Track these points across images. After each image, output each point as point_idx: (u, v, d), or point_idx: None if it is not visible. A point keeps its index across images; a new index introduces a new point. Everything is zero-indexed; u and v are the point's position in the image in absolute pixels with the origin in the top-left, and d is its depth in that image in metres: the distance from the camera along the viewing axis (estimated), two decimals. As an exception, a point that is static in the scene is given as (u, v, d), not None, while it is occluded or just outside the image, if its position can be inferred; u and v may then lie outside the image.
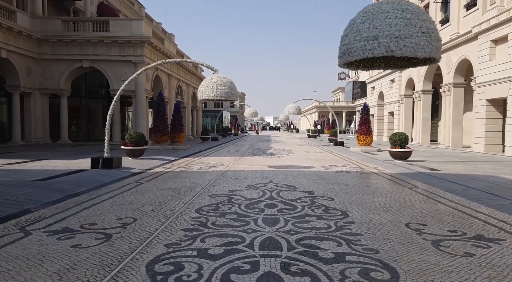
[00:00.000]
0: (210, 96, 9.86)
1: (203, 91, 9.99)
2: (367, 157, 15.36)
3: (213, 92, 9.81)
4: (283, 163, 12.83)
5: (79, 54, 20.91)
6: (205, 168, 11.06)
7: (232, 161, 13.47)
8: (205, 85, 9.97)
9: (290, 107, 24.33)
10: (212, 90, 9.83)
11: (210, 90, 9.83)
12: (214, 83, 9.86)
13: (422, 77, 25.21)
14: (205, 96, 9.97)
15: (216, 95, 9.80)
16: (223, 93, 9.78)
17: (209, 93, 9.84)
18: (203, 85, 10.05)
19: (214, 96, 9.81)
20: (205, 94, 9.96)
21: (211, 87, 9.85)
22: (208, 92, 9.85)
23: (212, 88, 9.83)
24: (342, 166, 12.10)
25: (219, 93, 9.79)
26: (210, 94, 9.84)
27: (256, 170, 10.55)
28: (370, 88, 38.67)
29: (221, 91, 9.80)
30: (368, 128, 18.63)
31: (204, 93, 9.99)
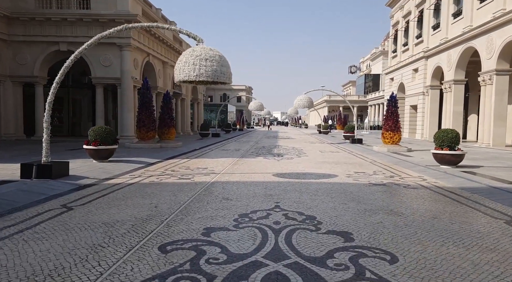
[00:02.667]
0: (191, 77, 6.83)
1: (181, 69, 6.96)
2: (399, 159, 12.19)
3: (194, 70, 6.76)
4: (293, 169, 9.75)
5: (55, 35, 17.99)
6: (187, 176, 8.03)
7: (228, 165, 10.43)
8: (184, 61, 6.91)
9: (301, 99, 21.15)
10: (193, 67, 6.77)
11: (191, 67, 6.79)
12: (197, 58, 6.81)
13: (453, 65, 21.81)
14: (184, 76, 6.94)
15: (200, 75, 6.76)
16: (210, 72, 6.72)
17: (189, 72, 6.80)
18: (181, 62, 6.99)
19: (196, 77, 6.76)
20: (183, 73, 6.91)
21: (191, 63, 6.81)
22: (188, 70, 6.81)
23: (193, 65, 6.79)
24: (373, 174, 8.98)
25: (204, 72, 6.73)
26: (191, 73, 6.79)
27: (257, 182, 7.50)
28: (388, 79, 35.21)
29: (206, 69, 6.74)
30: (396, 123, 15.42)
31: (182, 73, 6.95)
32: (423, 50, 25.95)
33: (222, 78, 7.01)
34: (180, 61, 7.13)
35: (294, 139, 26.18)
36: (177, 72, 7.19)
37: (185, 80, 7.16)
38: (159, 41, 22.28)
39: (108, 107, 24.83)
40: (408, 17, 29.45)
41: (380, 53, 77.69)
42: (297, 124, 79.24)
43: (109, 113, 24.79)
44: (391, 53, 35.16)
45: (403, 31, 31.10)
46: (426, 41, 26.08)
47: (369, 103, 70.60)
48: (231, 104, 74.55)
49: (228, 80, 7.19)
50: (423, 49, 26.09)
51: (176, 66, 7.26)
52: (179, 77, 7.16)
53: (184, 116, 29.30)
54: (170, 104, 15.72)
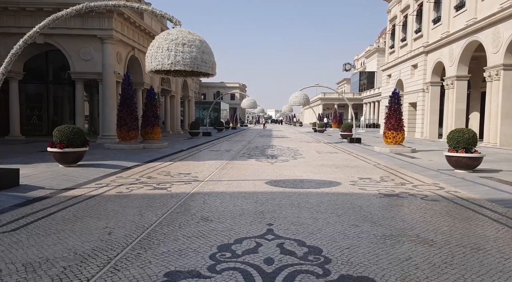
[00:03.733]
0: (165, 65, 5.57)
1: (153, 56, 5.69)
2: (405, 162, 11.05)
3: (169, 57, 5.50)
4: (289, 174, 8.54)
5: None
6: (164, 185, 6.78)
7: (215, 169, 9.18)
8: (156, 47, 5.65)
9: (296, 96, 19.94)
10: (167, 54, 5.51)
11: (165, 54, 5.52)
12: (172, 42, 5.54)
13: (456, 60, 20.75)
14: (156, 65, 5.67)
15: (175, 63, 5.50)
16: (188, 60, 5.46)
17: (163, 59, 5.54)
18: (153, 47, 5.72)
19: (171, 65, 5.50)
20: (155, 61, 5.65)
21: (165, 48, 5.55)
22: (161, 58, 5.56)
23: (167, 50, 5.53)
24: (380, 181, 7.80)
25: (181, 60, 5.48)
26: (165, 61, 5.53)
27: (246, 193, 6.26)
28: (385, 76, 34.16)
29: (183, 56, 5.48)
30: (399, 122, 14.28)
31: (153, 61, 5.69)
32: (423, 45, 24.88)
33: (203, 68, 5.76)
34: (152, 46, 5.86)
35: (289, 138, 24.99)
36: (148, 60, 5.93)
37: (157, 69, 5.90)
38: (145, 34, 20.90)
39: (93, 104, 23.44)
40: (407, 11, 28.36)
41: (375, 50, 76.82)
42: (292, 123, 78.13)
43: (94, 111, 23.40)
44: (388, 49, 34.11)
45: (401, 26, 30.02)
46: (426, 35, 25.00)
47: (364, 101, 69.71)
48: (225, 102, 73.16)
49: (211, 70, 5.94)
50: (422, 44, 25.02)
51: (148, 53, 6.00)
52: (151, 66, 5.90)
53: (173, 115, 27.96)
54: (154, 101, 14.42)
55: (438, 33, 23.08)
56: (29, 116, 20.63)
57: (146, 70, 6.20)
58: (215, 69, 6.09)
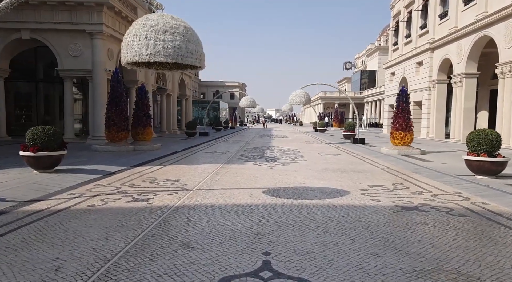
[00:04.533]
0: (143, 56, 4.65)
1: (129, 46, 4.79)
2: (416, 165, 10.14)
3: (147, 47, 4.57)
4: (290, 181, 7.62)
5: (15, 21, 15.59)
6: (145, 196, 5.86)
7: (207, 175, 8.26)
8: (133, 35, 4.73)
9: (297, 94, 19.00)
10: (146, 43, 4.59)
11: (143, 43, 4.61)
12: (151, 29, 4.61)
13: (464, 56, 19.80)
14: (133, 56, 4.75)
15: (156, 54, 4.59)
16: (170, 50, 4.54)
17: (140, 49, 4.62)
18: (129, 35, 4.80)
19: (151, 56, 4.56)
20: (132, 52, 4.73)
21: (143, 36, 4.63)
22: (139, 47, 4.64)
23: (146, 39, 4.60)
24: (394, 189, 6.89)
25: (161, 50, 4.55)
26: (143, 51, 4.61)
27: (240, 206, 5.34)
28: (388, 74, 33.21)
29: (165, 45, 4.56)
30: (408, 122, 13.36)
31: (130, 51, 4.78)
32: (429, 41, 23.93)
33: (189, 59, 4.83)
34: (129, 34, 4.96)
35: (289, 138, 24.05)
36: (124, 51, 5.02)
37: (134, 61, 5.00)
38: (139, 30, 19.98)
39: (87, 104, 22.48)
40: (411, 7, 27.40)
41: (376, 48, 75.82)
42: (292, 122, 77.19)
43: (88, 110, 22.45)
44: (391, 46, 33.15)
45: (405, 22, 29.07)
46: (432, 31, 24.04)
47: (365, 100, 68.73)
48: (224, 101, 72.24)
49: (199, 62, 5.02)
50: (428, 41, 24.06)
51: (124, 42, 5.08)
52: (126, 57, 5.00)
53: (170, 114, 27.05)
54: (146, 100, 13.49)
55: (445, 28, 22.13)
56: (18, 116, 19.71)
57: (122, 62, 5.29)
58: (203, 61, 5.17)
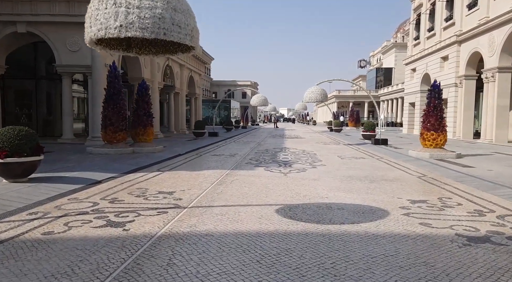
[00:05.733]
0: (111, 29, 3.29)
1: (93, 17, 3.51)
2: (457, 172, 8.59)
3: (117, 17, 3.24)
4: (309, 193, 6.21)
5: (10, 13, 14.57)
6: (125, 217, 4.53)
7: (209, 184, 6.91)
8: (98, 2, 3.45)
9: (312, 91, 17.53)
10: (115, 11, 3.28)
11: (111, 11, 3.30)
12: (123, -7, 3.33)
13: (498, 49, 17.97)
14: (98, 30, 3.41)
15: (128, 25, 3.27)
16: (149, 20, 3.23)
17: (107, 20, 3.32)
18: (94, 3, 3.53)
19: (121, 29, 3.13)
20: (97, 24, 3.38)
21: (112, 3, 3.35)
22: (105, 18, 3.34)
23: (115, 6, 3.30)
24: (444, 206, 5.40)
25: (136, 20, 3.21)
26: (110, 22, 3.27)
27: (245, 235, 3.96)
28: (408, 70, 31.31)
29: (141, 13, 3.23)
30: (441, 121, 11.76)
31: (94, 24, 3.51)
32: (455, 34, 22.09)
33: (175, 35, 3.47)
34: (93, 1, 3.62)
35: (304, 139, 22.56)
36: (87, 24, 3.70)
37: (100, 37, 3.69)
38: (144, 24, 18.82)
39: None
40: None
41: (392, 45, 73.48)
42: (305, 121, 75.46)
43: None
44: (412, 41, 31.24)
45: (427, 14, 27.20)
46: (459, 23, 22.20)
47: (381, 99, 66.46)
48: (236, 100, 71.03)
49: (190, 40, 3.66)
50: (455, 33, 22.22)
51: (87, 13, 3.76)
52: (90, 32, 3.68)
53: (178, 113, 25.88)
54: (146, 97, 12.24)
55: (474, 19, 20.28)
56: (18, 116, 18.77)
57: (86, 40, 3.99)
58: (196, 40, 3.83)
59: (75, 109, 20.58)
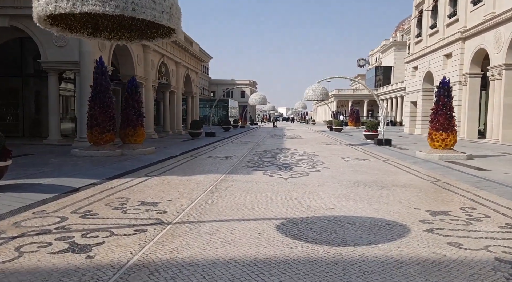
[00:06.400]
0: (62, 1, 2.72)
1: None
2: (474, 176, 7.85)
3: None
4: (314, 204, 5.44)
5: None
6: (94, 239, 3.75)
7: (201, 192, 6.14)
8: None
9: (313, 89, 16.77)
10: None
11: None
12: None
13: (505, 45, 17.26)
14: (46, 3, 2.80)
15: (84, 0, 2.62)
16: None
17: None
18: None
19: (75, 3, 2.60)
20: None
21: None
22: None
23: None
24: (469, 219, 4.66)
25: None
26: (63, -5, 2.66)
27: (241, 262, 3.20)
28: (410, 68, 30.59)
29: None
30: (450, 120, 11.05)
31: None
32: (460, 30, 21.38)
33: (146, 12, 2.70)
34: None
35: (304, 138, 21.80)
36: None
37: (49, 13, 2.93)
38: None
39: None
40: (438, -7, 24.83)
41: (391, 44, 72.94)
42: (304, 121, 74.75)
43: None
44: (414, 39, 30.53)
45: (430, 11, 26.49)
46: (463, 19, 21.49)
47: (380, 98, 65.84)
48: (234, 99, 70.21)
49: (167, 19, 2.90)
50: (459, 30, 21.51)
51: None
52: (38, 7, 2.91)
53: (174, 113, 25.07)
54: (137, 95, 11.45)
55: (480, 15, 19.58)
56: (3, 115, 17.94)
57: (34, 18, 3.22)
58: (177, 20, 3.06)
59: (65, 108, 19.76)
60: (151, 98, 19.99)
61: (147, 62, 19.44)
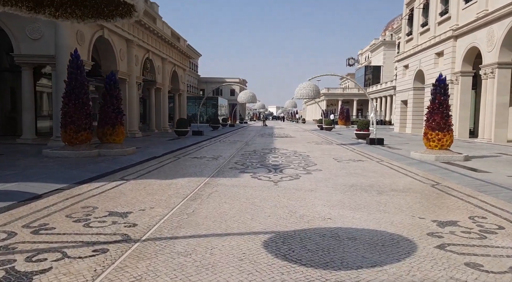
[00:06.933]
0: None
1: None
2: (473, 179, 7.36)
3: None
4: (307, 212, 4.83)
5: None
6: (37, 265, 3.06)
7: (180, 200, 5.47)
8: None
9: (304, 87, 16.19)
10: None
11: None
12: None
13: (498, 43, 16.97)
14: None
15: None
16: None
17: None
18: None
19: None
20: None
21: None
22: None
23: None
24: (481, 232, 4.11)
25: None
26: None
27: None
28: (400, 67, 30.33)
29: None
30: (447, 119, 10.59)
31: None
32: (451, 28, 21.08)
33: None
34: None
35: (294, 138, 21.24)
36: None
37: None
38: (120, 12, 17.13)
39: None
40: (430, -9, 24.53)
41: (381, 43, 73.10)
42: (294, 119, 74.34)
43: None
44: (404, 37, 30.24)
45: (421, 9, 26.19)
46: (455, 17, 21.20)
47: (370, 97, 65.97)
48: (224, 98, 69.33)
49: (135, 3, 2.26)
50: (451, 28, 21.21)
51: None
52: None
53: (160, 110, 24.23)
54: (115, 91, 10.67)
55: (472, 13, 19.28)
56: (-24, 112, 16.90)
57: None
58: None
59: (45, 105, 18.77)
60: (135, 95, 19.16)
61: (131, 58, 18.59)
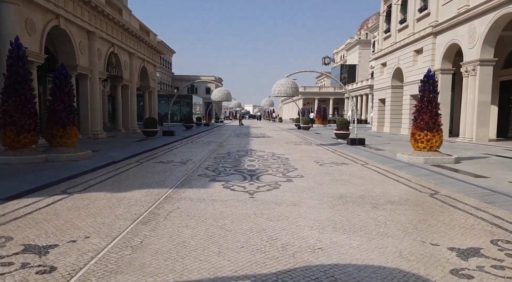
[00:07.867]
0: None
1: None
2: (474, 186, 6.53)
3: None
4: (290, 239, 3.75)
5: None
6: None
7: (128, 223, 4.26)
8: None
9: (282, 84, 15.16)
10: None
11: None
12: None
13: (479, 40, 16.56)
14: None
15: None
16: None
17: None
18: None
19: None
20: None
21: None
22: None
23: None
24: (503, 260, 3.14)
25: None
26: None
27: None
28: (378, 65, 29.93)
29: None
30: (436, 119, 9.82)
31: None
32: (431, 25, 20.66)
33: None
34: None
35: (271, 138, 20.22)
36: None
37: None
38: (85, 4, 15.53)
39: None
40: (408, -13, 24.11)
41: (356, 42, 73.47)
42: (271, 118, 73.56)
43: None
44: (382, 34, 29.84)
45: (399, 5, 25.79)
46: (435, 13, 20.79)
47: (345, 95, 66.02)
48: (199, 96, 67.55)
49: None
50: (430, 24, 20.80)
51: None
52: None
53: (127, 109, 22.58)
54: (67, 87, 9.21)
55: (453, 8, 18.86)
56: None
57: None
58: None
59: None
60: (98, 92, 17.54)
61: (93, 51, 16.95)
